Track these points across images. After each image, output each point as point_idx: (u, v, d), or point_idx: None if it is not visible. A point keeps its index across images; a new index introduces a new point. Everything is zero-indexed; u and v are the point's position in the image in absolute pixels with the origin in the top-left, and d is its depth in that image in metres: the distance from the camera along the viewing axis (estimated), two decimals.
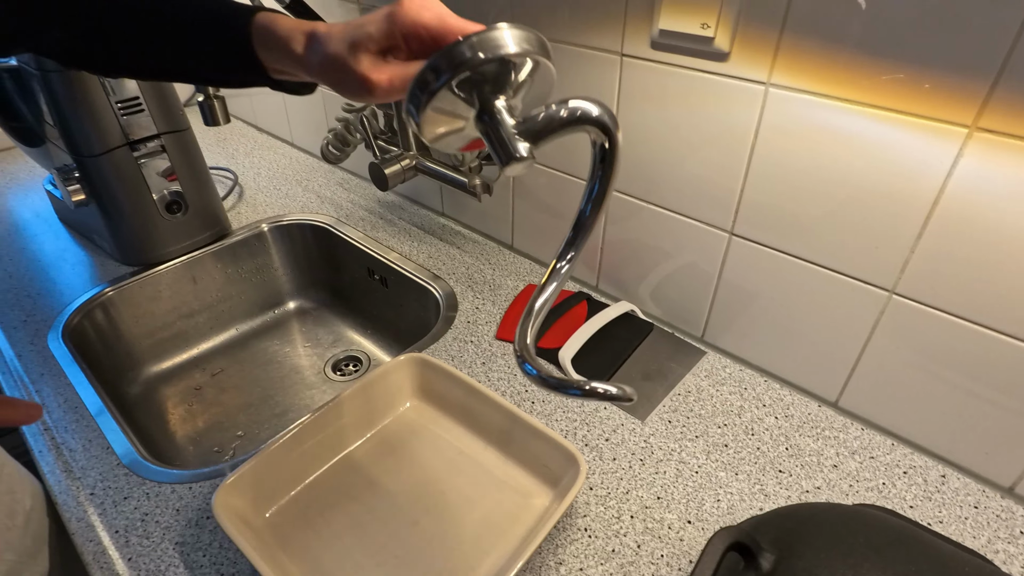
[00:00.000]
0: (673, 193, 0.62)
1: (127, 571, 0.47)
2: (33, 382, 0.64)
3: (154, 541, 0.49)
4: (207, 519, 0.50)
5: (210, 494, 0.52)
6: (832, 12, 0.44)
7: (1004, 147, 0.41)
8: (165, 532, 0.50)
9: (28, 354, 0.68)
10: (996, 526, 0.49)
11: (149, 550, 0.48)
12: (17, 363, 0.67)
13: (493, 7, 0.67)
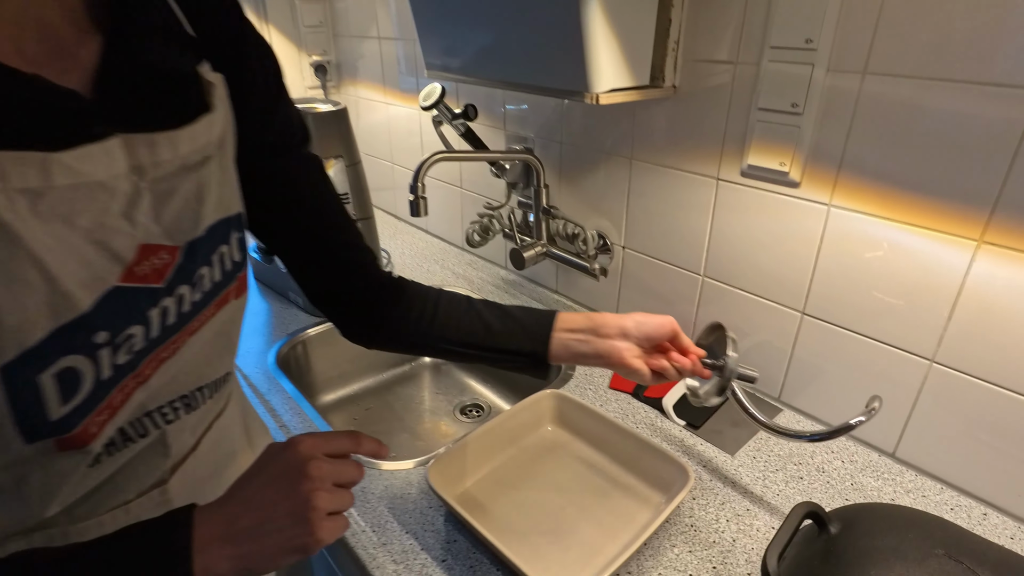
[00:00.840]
0: (756, 281, 0.81)
1: (360, 522, 0.66)
2: (266, 392, 0.87)
3: (372, 504, 0.68)
4: (407, 493, 0.69)
5: (402, 479, 0.71)
6: (873, 158, 0.65)
7: (1007, 256, 0.59)
8: (379, 499, 0.68)
9: (258, 373, 0.91)
10: None
11: (369, 509, 0.67)
12: (256, 379, 0.90)
13: (620, 143, 0.91)
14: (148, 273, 0.39)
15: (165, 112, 0.39)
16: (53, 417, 0.37)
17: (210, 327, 0.46)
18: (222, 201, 0.44)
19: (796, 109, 0.68)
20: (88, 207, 0.35)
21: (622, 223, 0.96)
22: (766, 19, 0.68)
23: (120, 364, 0.39)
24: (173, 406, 0.46)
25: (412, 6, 0.90)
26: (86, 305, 0.35)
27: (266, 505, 0.40)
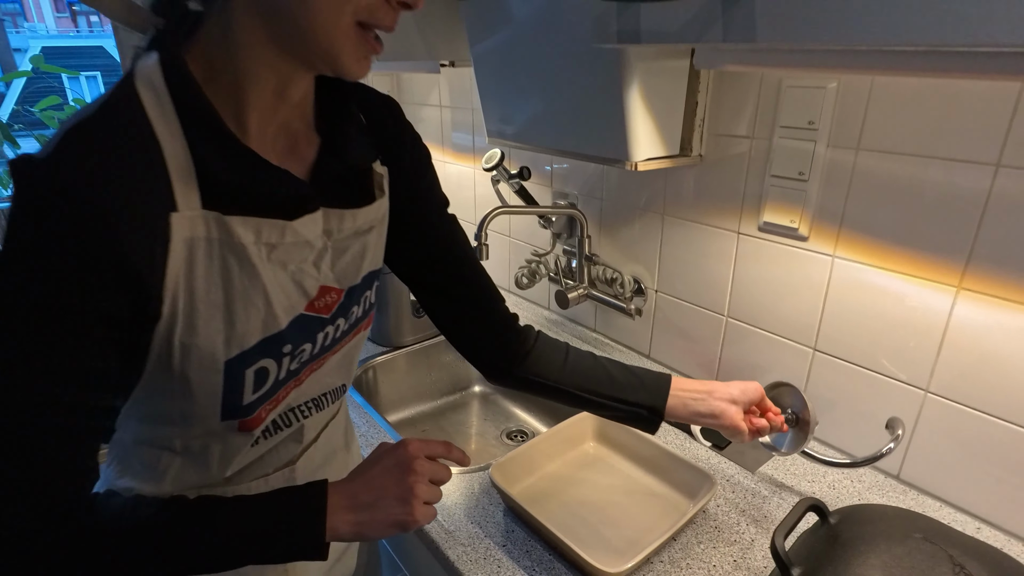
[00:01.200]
0: (773, 321, 0.93)
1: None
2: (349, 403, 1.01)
3: (442, 502, 0.80)
4: (470, 494, 0.81)
5: (465, 484, 0.83)
6: (868, 217, 0.77)
7: (982, 300, 0.70)
8: (447, 497, 0.81)
9: None
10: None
11: (439, 506, 0.79)
12: None
13: (653, 200, 1.06)
14: (322, 307, 0.54)
15: (351, 195, 0.55)
16: (244, 402, 0.52)
17: (345, 348, 0.61)
18: (374, 259, 0.60)
19: (803, 177, 0.82)
20: (295, 257, 0.50)
21: (655, 269, 1.10)
22: (776, 104, 0.83)
23: (291, 369, 0.54)
24: (309, 405, 0.61)
25: (478, 83, 1.08)
26: (283, 325, 0.51)
27: (380, 488, 0.53)
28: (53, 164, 0.39)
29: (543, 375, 0.70)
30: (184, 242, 0.44)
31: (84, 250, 0.39)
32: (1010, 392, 0.70)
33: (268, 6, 0.43)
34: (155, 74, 0.43)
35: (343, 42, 0.44)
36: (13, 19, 16.74)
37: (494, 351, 0.71)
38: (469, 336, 0.71)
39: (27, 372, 0.40)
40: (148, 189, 0.42)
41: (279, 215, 0.48)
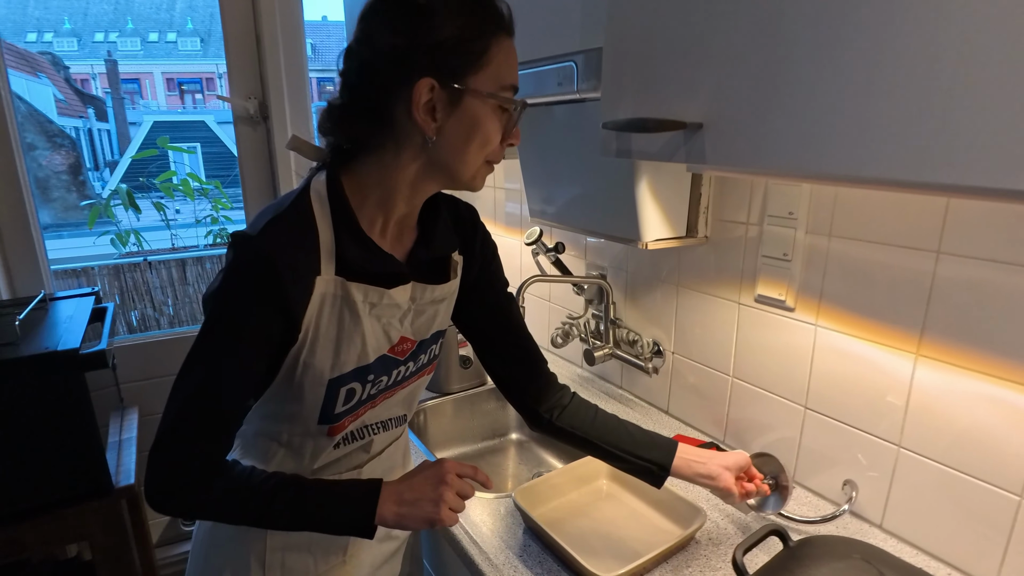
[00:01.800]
0: (769, 381, 1.05)
1: (465, 528, 0.93)
2: None
3: (472, 520, 0.95)
4: (496, 515, 0.96)
5: (492, 508, 0.98)
6: (841, 292, 0.91)
7: (937, 365, 0.82)
8: (478, 516, 0.96)
9: None
10: None
11: (470, 523, 0.95)
12: None
13: (670, 274, 1.22)
14: (399, 351, 0.75)
15: (433, 274, 0.77)
16: (335, 412, 0.71)
17: (411, 387, 0.82)
18: (442, 321, 0.81)
19: (786, 257, 0.97)
20: (387, 314, 0.72)
21: (672, 333, 1.25)
22: (764, 198, 1.00)
23: (371, 394, 0.74)
24: (378, 425, 0.80)
25: (522, 172, 1.30)
26: (371, 359, 0.71)
27: (419, 491, 0.71)
28: (260, 239, 0.63)
29: (576, 427, 0.87)
30: (320, 295, 0.66)
31: (265, 293, 0.62)
32: (968, 448, 0.81)
33: (431, 156, 0.67)
34: (321, 186, 0.68)
35: (477, 175, 0.69)
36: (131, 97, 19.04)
37: (537, 404, 0.88)
38: (517, 390, 0.90)
39: (222, 368, 0.63)
40: (307, 260, 0.65)
41: (382, 284, 0.70)
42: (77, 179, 9.23)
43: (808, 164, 0.57)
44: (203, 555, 0.83)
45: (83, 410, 1.20)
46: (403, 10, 0.63)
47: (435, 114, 0.64)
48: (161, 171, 3.38)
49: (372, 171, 0.68)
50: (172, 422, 0.64)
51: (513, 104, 0.67)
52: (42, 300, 1.42)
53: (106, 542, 1.31)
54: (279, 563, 0.79)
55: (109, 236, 3.01)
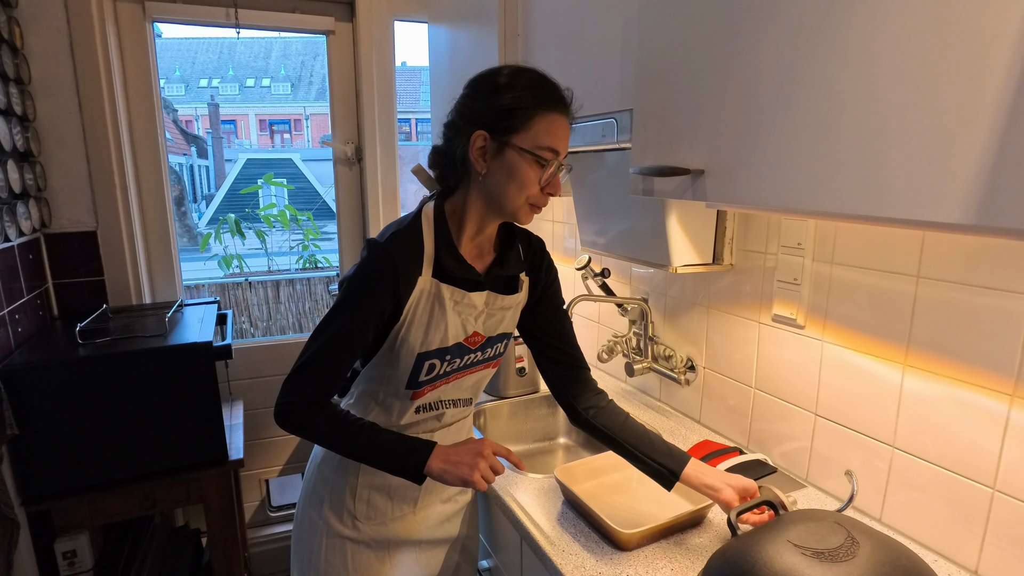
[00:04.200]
0: (785, 391, 1.20)
1: (512, 501, 1.13)
2: None
3: (520, 495, 1.14)
4: (540, 492, 1.15)
5: (538, 486, 1.17)
6: (843, 312, 1.06)
7: (922, 374, 0.96)
8: (525, 493, 1.15)
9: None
10: None
11: (520, 495, 1.14)
12: None
13: (701, 297, 1.39)
14: (471, 342, 0.99)
15: (504, 287, 1.01)
16: (419, 380, 0.95)
17: (478, 375, 1.05)
18: (508, 325, 1.05)
19: (796, 282, 1.13)
20: (466, 312, 0.96)
21: (703, 350, 1.41)
22: (779, 231, 1.17)
23: (447, 371, 0.98)
24: (448, 402, 1.03)
25: (576, 208, 1.51)
26: (450, 344, 0.95)
27: (461, 456, 0.93)
28: (386, 244, 0.89)
29: (607, 427, 1.06)
30: (419, 290, 0.91)
31: (384, 280, 0.88)
32: (949, 446, 0.93)
33: (488, 193, 0.92)
34: (431, 211, 0.95)
35: (521, 212, 0.93)
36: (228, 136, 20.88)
37: (577, 402, 1.09)
38: (563, 388, 1.11)
39: (348, 327, 0.89)
40: (415, 264, 0.91)
41: (464, 288, 0.95)
42: (180, 210, 10.27)
43: (780, 200, 0.76)
44: (311, 486, 1.08)
45: (212, 392, 1.49)
46: (483, 87, 0.91)
47: (485, 157, 0.90)
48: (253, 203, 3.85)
49: (459, 202, 0.95)
50: (309, 358, 0.90)
51: (547, 160, 0.89)
52: (179, 305, 1.75)
53: (218, 505, 1.58)
54: (366, 498, 1.03)
55: (216, 259, 3.44)
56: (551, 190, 0.92)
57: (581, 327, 1.90)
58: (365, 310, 0.89)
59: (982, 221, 0.56)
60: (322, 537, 1.05)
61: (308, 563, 1.06)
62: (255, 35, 23.05)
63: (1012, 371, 0.85)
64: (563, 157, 0.92)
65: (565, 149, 0.92)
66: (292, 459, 2.17)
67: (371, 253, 0.90)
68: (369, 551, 1.06)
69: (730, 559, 0.80)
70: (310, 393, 0.91)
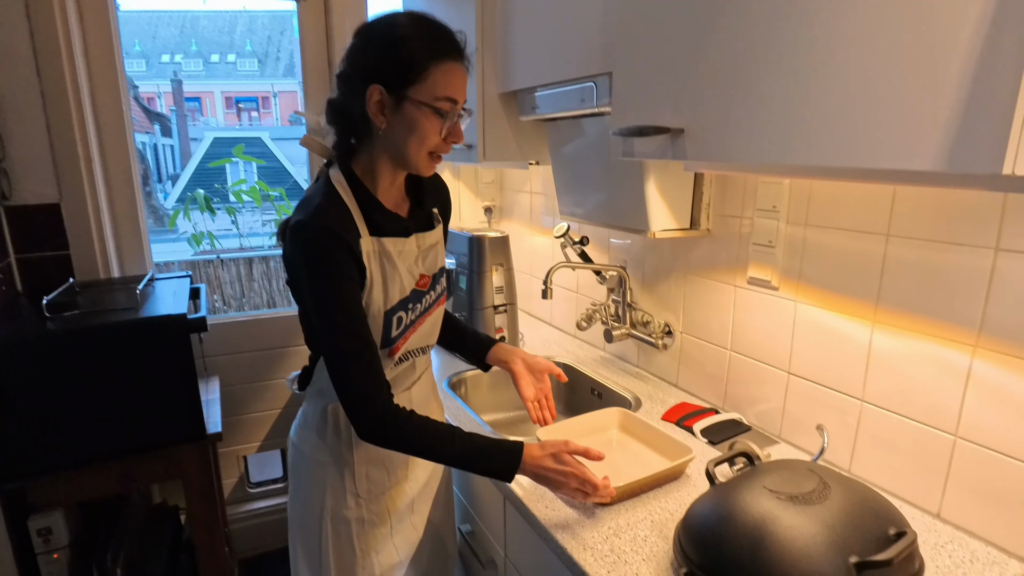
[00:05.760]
0: (759, 351, 1.23)
1: None
2: (444, 399, 1.41)
3: None
4: None
5: None
6: (815, 273, 1.09)
7: (890, 330, 1.00)
8: None
9: (441, 391, 1.46)
10: (933, 532, 0.94)
11: None
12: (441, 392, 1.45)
13: (678, 264, 1.42)
14: (422, 284, 1.00)
15: (425, 225, 1.02)
16: (392, 336, 0.95)
17: (432, 316, 1.06)
18: (442, 259, 1.06)
19: (771, 244, 1.16)
20: (408, 258, 0.97)
21: (680, 316, 1.44)
22: (755, 195, 1.19)
23: (411, 320, 0.99)
24: (416, 351, 1.04)
25: (554, 176, 1.51)
26: (408, 293, 0.96)
27: (548, 472, 0.93)
28: (313, 218, 0.87)
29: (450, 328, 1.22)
30: (367, 252, 0.91)
31: (338, 249, 0.86)
32: (914, 397, 0.97)
33: (390, 148, 0.92)
34: (340, 176, 0.93)
35: (423, 164, 0.94)
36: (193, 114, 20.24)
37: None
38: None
39: (349, 310, 0.88)
40: (351, 228, 0.90)
41: (402, 236, 0.96)
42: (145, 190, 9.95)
43: (758, 156, 0.77)
44: (304, 475, 1.07)
45: (187, 365, 1.47)
46: (374, 38, 0.90)
47: (384, 111, 0.89)
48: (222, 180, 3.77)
49: (366, 161, 0.95)
50: (347, 366, 0.88)
51: (445, 112, 0.90)
52: (150, 279, 1.71)
53: (198, 481, 1.57)
54: (364, 474, 1.03)
55: (185, 237, 3.36)
56: (453, 139, 0.93)
57: (557, 297, 1.91)
58: (346, 285, 0.88)
59: (953, 168, 0.58)
60: (326, 524, 1.04)
61: (313, 551, 1.06)
62: (219, 7, 21.92)
63: (975, 324, 0.88)
64: (462, 105, 0.92)
65: (463, 97, 0.92)
66: (270, 435, 2.16)
67: (306, 233, 0.87)
68: (373, 528, 1.07)
69: (709, 506, 0.82)
70: (376, 383, 0.89)
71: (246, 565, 2.09)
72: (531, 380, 1.16)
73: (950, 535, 0.92)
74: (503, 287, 1.61)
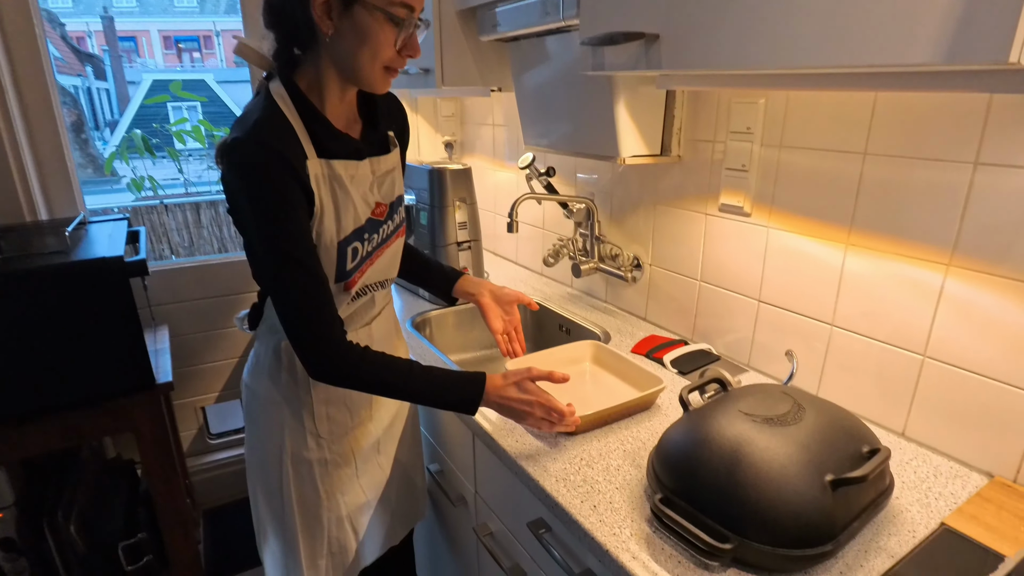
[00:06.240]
0: (730, 281, 1.21)
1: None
2: (408, 338, 1.35)
3: None
4: None
5: None
6: (788, 197, 1.06)
7: (863, 252, 0.98)
8: None
9: (405, 331, 1.40)
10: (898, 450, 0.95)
11: None
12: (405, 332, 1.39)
13: (648, 194, 1.37)
14: (378, 213, 0.93)
15: (380, 148, 0.94)
16: (347, 268, 0.88)
17: (392, 247, 0.99)
18: (400, 187, 0.98)
19: (744, 168, 1.12)
20: (363, 184, 0.89)
21: (649, 248, 1.40)
22: (728, 116, 1.14)
23: (368, 251, 0.91)
24: (375, 284, 0.98)
25: (517, 102, 1.43)
26: (363, 221, 0.89)
27: (511, 402, 0.90)
28: (251, 135, 0.77)
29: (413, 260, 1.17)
30: (315, 176, 0.82)
31: (281, 170, 0.77)
32: (884, 320, 0.97)
33: (339, 61, 0.83)
34: (281, 90, 0.83)
35: (375, 79, 0.84)
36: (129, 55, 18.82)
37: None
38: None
39: (297, 243, 0.79)
40: (295, 147, 0.81)
41: (353, 158, 0.87)
42: (80, 137, 9.28)
43: (742, 60, 0.71)
44: (260, 416, 1.00)
45: (129, 312, 1.37)
46: None
47: (331, 14, 0.78)
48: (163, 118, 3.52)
49: (312, 74, 0.85)
50: (295, 304, 0.81)
51: (400, 19, 0.80)
52: (81, 221, 1.58)
53: (150, 433, 1.50)
54: (324, 415, 0.98)
55: (125, 183, 3.14)
56: (409, 52, 0.84)
57: (523, 233, 1.85)
58: (289, 209, 0.79)
59: (953, 59, 0.53)
60: (286, 465, 0.99)
61: (274, 494, 1.01)
62: None
63: (949, 242, 0.87)
64: (419, 13, 0.83)
65: (420, 4, 0.83)
66: (229, 385, 2.08)
67: (243, 154, 0.77)
68: (337, 469, 1.02)
69: (683, 432, 0.81)
70: (327, 319, 0.82)
71: (211, 516, 2.05)
72: (499, 312, 1.12)
73: (914, 452, 0.94)
74: (466, 223, 1.54)
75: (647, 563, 0.72)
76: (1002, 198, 0.80)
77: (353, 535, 1.06)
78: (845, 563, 0.71)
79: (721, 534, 0.70)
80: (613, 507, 0.81)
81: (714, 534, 0.70)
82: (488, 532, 1.12)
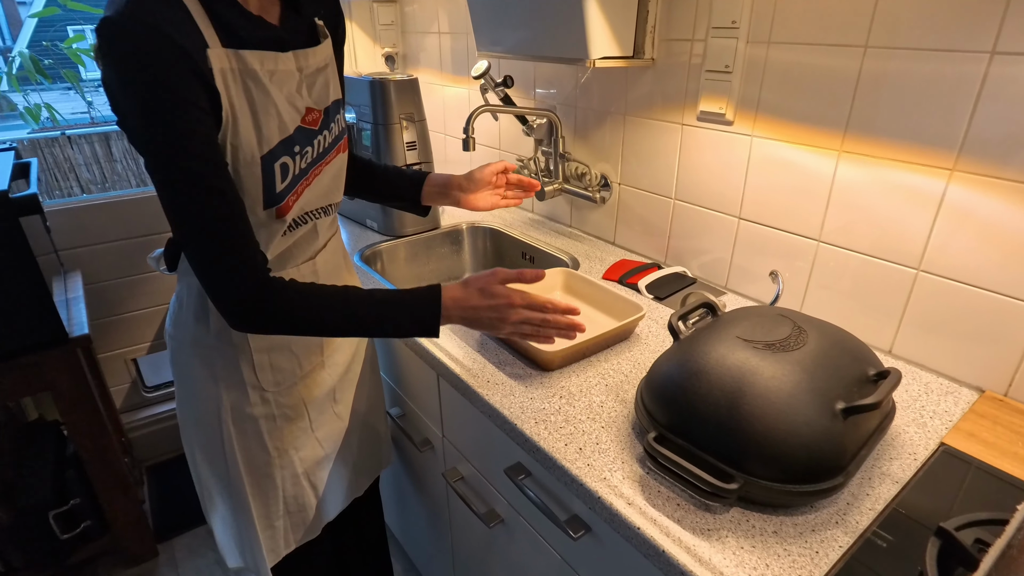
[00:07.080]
0: (708, 198, 1.12)
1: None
2: (364, 281, 1.22)
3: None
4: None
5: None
6: (776, 101, 0.96)
7: (858, 159, 0.89)
8: None
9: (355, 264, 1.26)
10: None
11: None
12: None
13: (616, 105, 1.24)
14: (311, 121, 0.76)
15: (307, 39, 0.76)
16: (277, 190, 0.73)
17: (332, 165, 0.83)
18: (335, 90, 0.82)
19: (728, 69, 1.00)
20: (287, 83, 0.73)
21: (619, 165, 1.29)
22: (710, 9, 1.01)
23: (303, 168, 0.76)
24: (318, 211, 0.83)
25: (471, 6, 1.25)
26: (291, 131, 0.73)
27: (479, 311, 0.77)
28: (126, 13, 0.59)
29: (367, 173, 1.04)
30: (220, 71, 0.65)
31: (169, 57, 0.60)
32: (877, 233, 0.90)
33: None
34: None
35: None
36: None
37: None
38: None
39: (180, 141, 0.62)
40: (187, 29, 0.62)
41: (272, 49, 0.70)
42: None
43: None
44: (190, 370, 0.86)
45: (24, 257, 1.17)
46: None
47: None
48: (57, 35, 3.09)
49: None
50: (202, 236, 0.65)
51: None
52: None
53: (70, 392, 1.33)
54: (267, 364, 0.84)
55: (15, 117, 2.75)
56: None
57: (482, 156, 1.70)
58: (184, 110, 0.62)
59: None
60: (226, 423, 0.86)
61: (216, 454, 0.89)
62: None
63: (955, 144, 0.79)
64: None
65: None
66: (160, 334, 1.90)
67: (120, 36, 0.59)
68: (288, 423, 0.90)
69: (676, 363, 0.73)
70: (244, 251, 0.68)
71: (155, 471, 1.92)
72: (485, 192, 1.05)
73: (903, 370, 0.90)
74: (415, 142, 1.38)
75: (644, 508, 0.65)
76: (1021, 89, 0.72)
77: (312, 491, 0.96)
78: (851, 492, 0.67)
79: (724, 472, 0.63)
80: (600, 448, 0.74)
81: (717, 473, 0.63)
82: (459, 477, 1.04)
